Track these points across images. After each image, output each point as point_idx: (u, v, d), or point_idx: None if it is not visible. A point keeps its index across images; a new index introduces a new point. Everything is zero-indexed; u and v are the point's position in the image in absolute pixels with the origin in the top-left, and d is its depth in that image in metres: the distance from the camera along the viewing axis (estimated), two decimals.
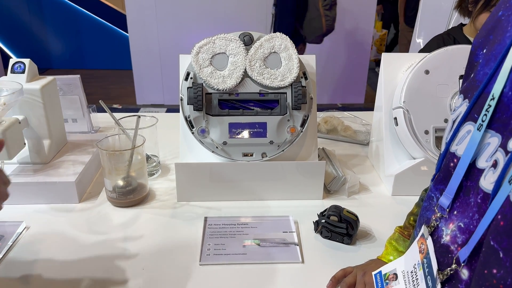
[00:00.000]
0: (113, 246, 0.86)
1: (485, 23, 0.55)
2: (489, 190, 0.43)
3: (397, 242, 0.76)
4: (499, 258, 0.39)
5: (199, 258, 0.82)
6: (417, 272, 0.53)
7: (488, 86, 0.48)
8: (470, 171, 0.48)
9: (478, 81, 0.51)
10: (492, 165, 0.44)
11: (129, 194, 0.98)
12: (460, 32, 1.74)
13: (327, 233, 0.88)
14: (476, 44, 0.56)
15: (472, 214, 0.46)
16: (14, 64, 1.02)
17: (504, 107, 0.44)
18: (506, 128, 0.43)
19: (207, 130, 0.97)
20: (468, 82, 0.54)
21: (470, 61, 0.57)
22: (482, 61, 0.52)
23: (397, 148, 1.09)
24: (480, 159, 0.46)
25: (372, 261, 0.77)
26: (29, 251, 0.84)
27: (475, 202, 0.46)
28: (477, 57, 0.55)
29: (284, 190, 1.02)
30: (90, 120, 1.31)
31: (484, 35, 0.54)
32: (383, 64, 1.12)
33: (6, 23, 5.09)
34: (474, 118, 0.49)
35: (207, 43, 0.96)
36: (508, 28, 0.49)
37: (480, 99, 0.49)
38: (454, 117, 0.54)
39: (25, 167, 1.03)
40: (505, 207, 0.39)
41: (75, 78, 1.25)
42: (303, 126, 0.99)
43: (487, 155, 0.45)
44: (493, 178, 0.43)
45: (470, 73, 0.56)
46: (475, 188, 0.46)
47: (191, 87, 0.96)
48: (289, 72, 0.97)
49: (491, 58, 0.50)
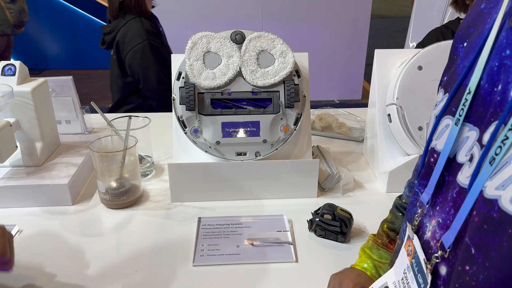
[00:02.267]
0: (107, 248, 0.85)
1: (466, 16, 0.54)
2: (464, 185, 0.43)
3: (370, 250, 0.74)
4: (471, 255, 0.38)
5: (192, 259, 0.82)
6: (407, 277, 0.51)
7: (466, 79, 0.47)
8: (451, 165, 0.47)
9: (458, 74, 0.50)
10: (469, 159, 0.43)
11: (122, 196, 0.98)
12: (458, 25, 1.74)
13: (321, 231, 0.88)
14: (457, 37, 0.55)
15: (448, 209, 0.46)
16: (4, 67, 1.01)
17: (481, 100, 0.44)
18: (483, 121, 0.43)
19: (200, 130, 0.96)
20: (448, 75, 0.54)
21: (450, 54, 0.56)
22: (462, 55, 0.52)
23: (391, 144, 1.09)
24: (460, 153, 0.46)
25: (347, 270, 0.74)
26: (22, 254, 0.83)
27: (451, 196, 0.45)
28: (457, 50, 0.54)
29: (278, 189, 1.02)
30: (84, 121, 1.31)
31: (464, 27, 0.53)
32: (376, 60, 1.11)
33: None
34: (452, 112, 0.48)
35: (197, 42, 0.96)
36: (488, 21, 0.48)
37: (458, 93, 0.48)
38: (436, 112, 0.53)
39: (17, 170, 1.02)
40: (479, 203, 0.38)
41: (68, 80, 1.24)
42: (296, 124, 0.98)
43: (466, 149, 0.44)
44: (469, 172, 0.42)
45: (450, 66, 0.55)
46: (454, 183, 0.46)
47: (183, 87, 0.95)
48: (280, 69, 0.96)
49: (470, 51, 0.50)
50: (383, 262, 0.71)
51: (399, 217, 0.73)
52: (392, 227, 0.73)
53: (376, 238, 0.75)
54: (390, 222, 0.74)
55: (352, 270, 0.73)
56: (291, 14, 3.82)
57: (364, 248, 0.75)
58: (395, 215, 0.74)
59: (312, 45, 3.85)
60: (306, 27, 3.89)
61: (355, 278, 0.69)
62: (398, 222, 0.73)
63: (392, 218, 0.74)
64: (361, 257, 0.74)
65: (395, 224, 0.73)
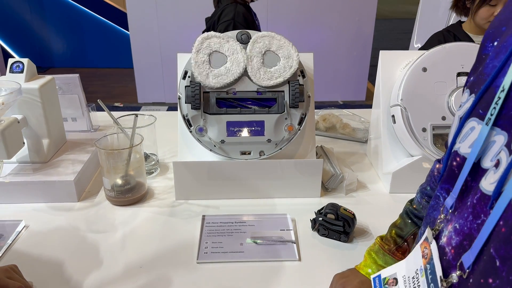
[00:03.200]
0: (112, 245, 0.86)
1: (498, 14, 0.51)
2: (487, 191, 0.41)
3: (376, 254, 0.72)
4: (495, 267, 0.36)
5: (196, 256, 0.82)
6: (419, 278, 0.50)
7: (497, 80, 0.44)
8: (475, 170, 0.44)
9: (486, 74, 0.48)
10: (495, 165, 0.41)
11: (128, 193, 0.99)
12: (459, 29, 1.74)
13: (324, 231, 0.89)
14: (486, 35, 0.52)
15: (467, 215, 0.43)
16: (12, 64, 1.03)
17: (511, 102, 0.41)
18: None
19: (205, 128, 0.97)
20: (475, 75, 0.51)
21: (478, 54, 0.53)
22: (491, 54, 0.49)
23: (395, 145, 1.09)
24: (485, 158, 0.43)
25: (351, 272, 0.73)
26: (28, 250, 0.84)
27: (471, 202, 0.43)
28: (486, 49, 0.51)
29: (282, 188, 1.03)
30: (90, 119, 1.32)
31: (496, 26, 0.50)
32: (381, 62, 1.12)
33: (8, 22, 5.10)
34: (479, 114, 0.45)
35: (203, 41, 0.96)
36: None
37: (487, 94, 0.45)
38: (460, 113, 0.50)
39: (24, 166, 1.03)
40: (507, 212, 0.36)
41: (74, 77, 1.25)
42: (300, 124, 0.99)
43: (492, 154, 0.42)
44: (493, 178, 0.40)
45: (478, 66, 0.52)
46: (476, 188, 0.43)
47: (188, 86, 0.96)
48: (285, 69, 0.97)
49: (501, 50, 0.46)
50: None
51: (408, 224, 0.71)
52: (400, 233, 0.72)
53: (383, 244, 0.72)
54: (398, 228, 0.72)
55: (356, 275, 0.71)
56: (296, 15, 3.83)
57: (370, 251, 0.74)
58: (404, 221, 0.73)
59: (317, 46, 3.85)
60: (311, 28, 3.89)
61: (357, 287, 0.68)
62: (407, 229, 0.71)
63: (401, 224, 0.73)
64: (366, 261, 0.73)
65: (404, 231, 0.71)
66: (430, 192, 0.67)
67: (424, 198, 0.69)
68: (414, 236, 0.69)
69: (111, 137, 1.01)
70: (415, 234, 0.69)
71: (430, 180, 0.68)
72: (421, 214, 0.69)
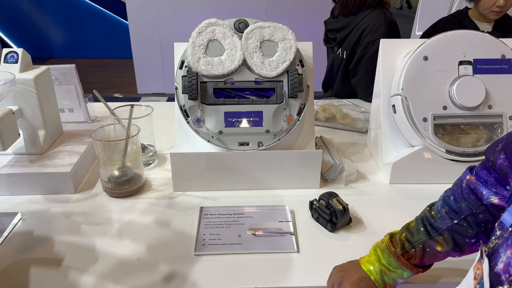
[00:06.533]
0: (109, 236, 0.86)
1: None
2: None
3: (382, 253, 0.69)
4: None
5: (194, 248, 0.82)
6: None
7: None
8: None
9: None
10: None
11: (125, 185, 0.98)
12: (465, 15, 1.73)
13: (316, 215, 0.89)
14: None
15: None
16: (7, 54, 1.01)
17: None
18: None
19: (202, 119, 0.95)
20: None
21: None
22: None
23: (396, 136, 1.08)
24: None
25: (351, 265, 0.70)
26: (24, 242, 0.84)
27: None
28: None
29: (281, 179, 1.02)
30: (87, 109, 1.30)
31: None
32: (382, 51, 1.10)
33: (6, 13, 5.05)
34: None
35: (202, 30, 0.94)
36: None
37: None
38: None
39: (20, 158, 1.02)
40: None
41: (71, 68, 1.24)
42: (299, 115, 0.98)
43: None
44: None
45: None
46: None
47: (185, 76, 0.95)
48: (284, 59, 0.95)
49: None
50: (390, 269, 0.67)
51: (420, 232, 0.67)
52: (410, 239, 0.67)
53: (390, 245, 0.69)
54: (410, 232, 0.68)
55: (356, 270, 0.69)
56: (296, 3, 3.78)
57: (377, 247, 0.70)
58: (417, 227, 0.68)
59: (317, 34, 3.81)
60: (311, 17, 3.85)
61: (355, 283, 0.67)
62: (418, 236, 0.67)
63: (413, 228, 0.69)
64: (370, 256, 0.70)
65: (414, 237, 0.67)
66: (452, 204, 0.64)
67: (444, 208, 0.65)
68: (423, 246, 0.66)
69: (108, 128, 1.00)
70: (425, 244, 0.66)
71: (457, 190, 0.64)
72: (437, 224, 0.65)
